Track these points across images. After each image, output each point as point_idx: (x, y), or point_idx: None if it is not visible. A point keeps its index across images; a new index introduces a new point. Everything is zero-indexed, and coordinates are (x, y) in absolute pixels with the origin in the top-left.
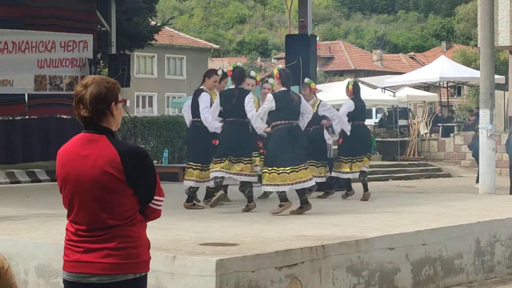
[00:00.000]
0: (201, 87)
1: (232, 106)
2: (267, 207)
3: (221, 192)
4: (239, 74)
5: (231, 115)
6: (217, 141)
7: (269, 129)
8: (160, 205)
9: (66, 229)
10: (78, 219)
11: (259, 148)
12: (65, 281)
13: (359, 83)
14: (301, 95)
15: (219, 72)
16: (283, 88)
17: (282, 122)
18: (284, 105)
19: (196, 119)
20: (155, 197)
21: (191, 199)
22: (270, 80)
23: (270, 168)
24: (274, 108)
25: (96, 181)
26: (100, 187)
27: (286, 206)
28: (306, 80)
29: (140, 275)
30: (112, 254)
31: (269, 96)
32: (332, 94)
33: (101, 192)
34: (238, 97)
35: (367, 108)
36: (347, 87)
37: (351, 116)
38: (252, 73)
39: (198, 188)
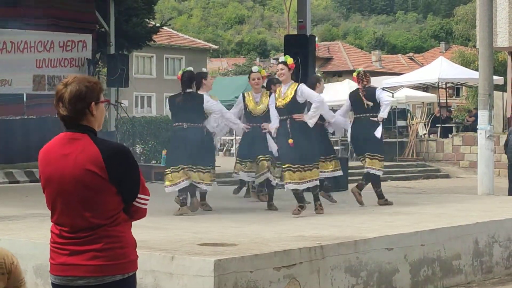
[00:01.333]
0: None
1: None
2: (264, 206)
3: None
4: (187, 78)
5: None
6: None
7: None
8: (145, 204)
9: (51, 231)
10: (62, 220)
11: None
12: (53, 284)
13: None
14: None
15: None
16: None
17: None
18: None
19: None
20: (139, 196)
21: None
22: (254, 68)
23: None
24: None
25: (78, 180)
26: (82, 186)
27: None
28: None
29: (128, 275)
30: (99, 256)
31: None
32: (331, 94)
33: (83, 191)
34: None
35: None
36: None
37: None
38: (254, 68)
39: None
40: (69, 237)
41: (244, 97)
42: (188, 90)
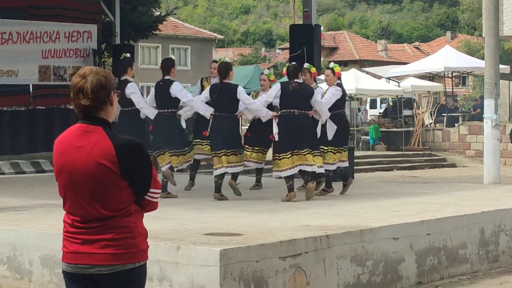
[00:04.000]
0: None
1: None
2: (271, 195)
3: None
4: (224, 69)
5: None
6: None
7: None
8: (156, 198)
9: (64, 221)
10: (73, 210)
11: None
12: (64, 272)
13: (364, 72)
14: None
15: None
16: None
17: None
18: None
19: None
20: (151, 190)
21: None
22: (265, 71)
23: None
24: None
25: (90, 173)
26: (94, 179)
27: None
28: (306, 65)
29: (139, 264)
30: (110, 245)
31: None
32: None
33: (95, 184)
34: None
35: (372, 98)
36: (333, 69)
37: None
38: (266, 71)
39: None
40: (80, 227)
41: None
42: (225, 81)
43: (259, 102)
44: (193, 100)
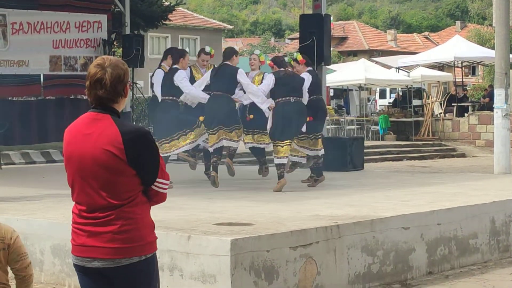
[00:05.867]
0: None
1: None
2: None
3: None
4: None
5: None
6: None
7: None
8: (164, 188)
9: (72, 211)
10: (80, 199)
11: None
12: (74, 265)
13: (374, 62)
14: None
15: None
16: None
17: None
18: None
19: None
20: (158, 180)
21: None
22: (256, 51)
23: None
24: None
25: (96, 160)
26: (100, 166)
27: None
28: (286, 59)
29: (146, 257)
30: (116, 239)
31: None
32: (345, 74)
33: (101, 171)
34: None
35: (381, 88)
36: (296, 59)
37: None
38: (257, 51)
39: None
40: (87, 217)
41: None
42: (226, 62)
43: (256, 88)
44: (192, 90)
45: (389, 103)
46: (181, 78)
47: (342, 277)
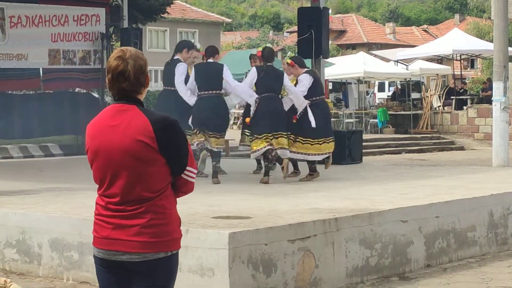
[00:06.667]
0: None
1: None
2: (280, 179)
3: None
4: (268, 54)
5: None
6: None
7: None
8: (193, 177)
9: (96, 203)
10: (111, 192)
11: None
12: (95, 257)
13: (372, 55)
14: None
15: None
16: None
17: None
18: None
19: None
20: (188, 168)
21: None
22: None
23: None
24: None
25: (127, 150)
26: (131, 157)
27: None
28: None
29: (172, 253)
30: (143, 232)
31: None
32: (344, 67)
33: (133, 161)
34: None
35: (380, 81)
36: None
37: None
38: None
39: None
40: (115, 209)
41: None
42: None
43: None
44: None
45: (387, 96)
46: (181, 73)
47: (340, 270)
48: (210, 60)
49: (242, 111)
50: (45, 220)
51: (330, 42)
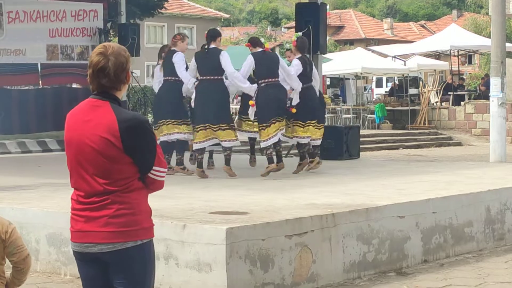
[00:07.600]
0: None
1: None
2: (278, 173)
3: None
4: (301, 44)
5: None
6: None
7: None
8: (161, 176)
9: (71, 198)
10: (78, 185)
11: None
12: (73, 252)
13: (370, 51)
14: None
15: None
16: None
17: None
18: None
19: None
20: (155, 168)
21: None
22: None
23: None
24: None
25: (94, 147)
26: (97, 153)
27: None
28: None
29: (142, 242)
30: (111, 223)
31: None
32: (342, 63)
33: (98, 157)
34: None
35: (377, 77)
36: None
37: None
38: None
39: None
40: (84, 202)
41: None
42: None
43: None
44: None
45: (385, 92)
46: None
47: (337, 265)
48: (212, 45)
49: (239, 106)
50: (42, 215)
51: (328, 37)
